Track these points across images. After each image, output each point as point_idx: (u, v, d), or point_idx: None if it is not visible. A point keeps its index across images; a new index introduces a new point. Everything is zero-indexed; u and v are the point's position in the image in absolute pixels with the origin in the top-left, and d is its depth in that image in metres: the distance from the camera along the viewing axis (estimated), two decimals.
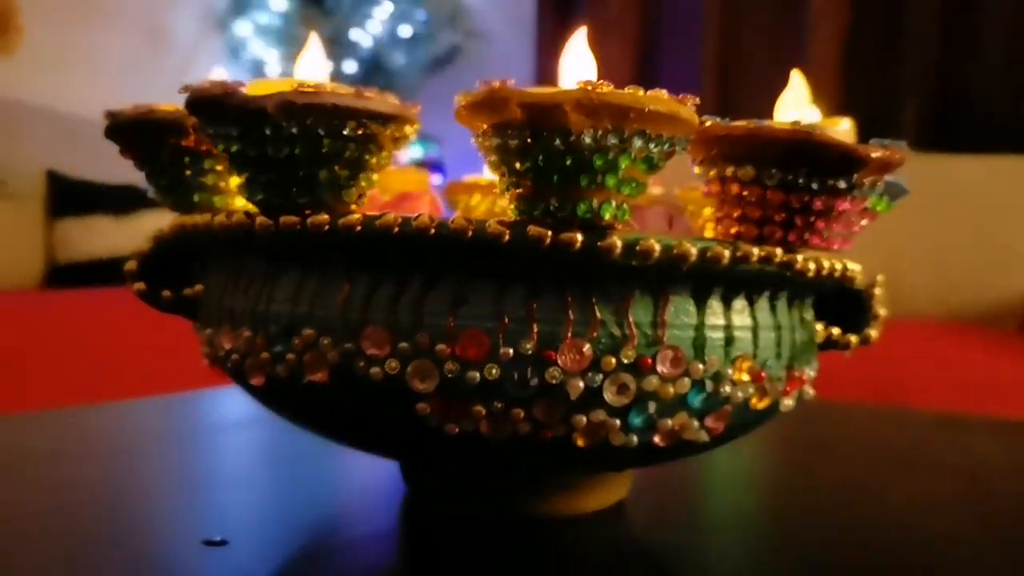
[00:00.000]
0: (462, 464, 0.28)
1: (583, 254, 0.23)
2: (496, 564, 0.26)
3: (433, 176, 0.64)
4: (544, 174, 0.22)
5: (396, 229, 0.23)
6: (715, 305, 0.26)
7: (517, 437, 0.25)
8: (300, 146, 0.23)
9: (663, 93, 0.21)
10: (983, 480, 0.41)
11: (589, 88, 0.20)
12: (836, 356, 0.35)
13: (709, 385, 0.25)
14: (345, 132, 0.23)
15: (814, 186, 0.24)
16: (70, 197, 1.65)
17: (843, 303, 0.34)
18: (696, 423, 0.26)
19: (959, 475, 0.42)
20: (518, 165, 0.22)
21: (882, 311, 0.33)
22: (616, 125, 0.21)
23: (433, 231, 0.23)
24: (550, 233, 0.23)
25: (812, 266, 0.26)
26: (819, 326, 0.32)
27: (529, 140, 0.21)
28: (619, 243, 0.23)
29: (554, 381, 0.24)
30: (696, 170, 0.26)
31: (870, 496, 0.37)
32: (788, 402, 0.28)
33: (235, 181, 0.24)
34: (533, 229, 0.23)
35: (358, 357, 0.24)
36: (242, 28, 2.28)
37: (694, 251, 0.24)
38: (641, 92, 0.21)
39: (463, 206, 0.42)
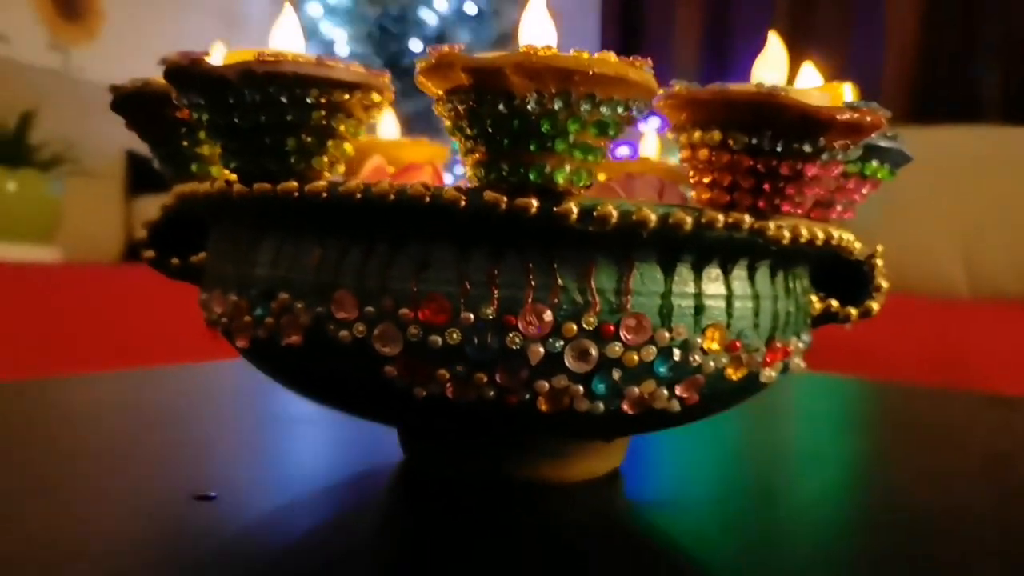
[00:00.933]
0: (433, 427, 0.29)
1: (539, 220, 0.23)
2: (487, 528, 0.26)
3: None
4: (493, 139, 0.22)
5: (358, 195, 0.24)
6: (684, 273, 0.25)
7: (483, 401, 0.25)
8: (265, 114, 0.23)
9: (610, 56, 0.21)
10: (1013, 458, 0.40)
11: (531, 51, 0.20)
12: (902, 337, 0.34)
13: (677, 354, 0.25)
14: (308, 100, 0.23)
15: (779, 149, 0.23)
16: (148, 175, 1.72)
17: (846, 275, 0.33)
18: (665, 392, 0.26)
19: (985, 453, 0.41)
20: (469, 131, 0.22)
21: (884, 283, 0.32)
22: (561, 88, 0.21)
23: (392, 197, 0.23)
24: (505, 199, 0.23)
25: (787, 233, 0.25)
26: (813, 297, 0.31)
27: (475, 104, 0.21)
28: (575, 208, 0.23)
29: (514, 346, 0.24)
30: (669, 136, 0.26)
31: (877, 470, 0.36)
32: (770, 373, 0.28)
33: (211, 149, 0.25)
34: (489, 195, 0.23)
35: (329, 320, 0.25)
36: (313, 8, 2.32)
37: (654, 217, 0.23)
38: (586, 55, 0.21)
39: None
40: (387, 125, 0.44)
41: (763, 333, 0.27)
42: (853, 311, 0.32)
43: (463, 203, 0.23)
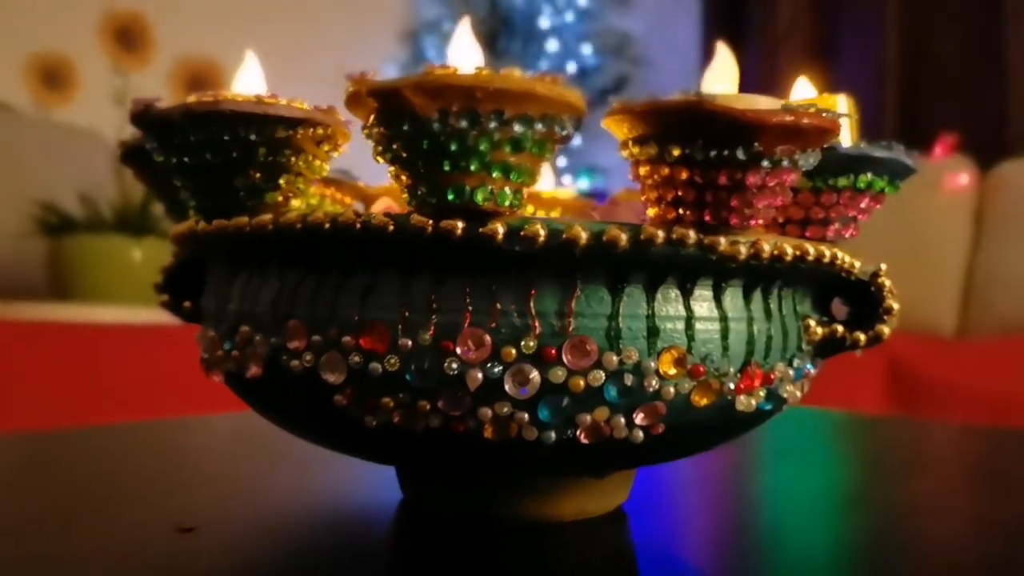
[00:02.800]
0: (388, 459, 0.28)
1: (466, 242, 0.23)
2: (483, 570, 0.26)
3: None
4: (408, 163, 0.22)
5: (298, 226, 0.24)
6: (635, 294, 0.24)
7: (431, 430, 0.25)
8: (210, 153, 0.25)
9: (515, 71, 0.21)
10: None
11: (430, 71, 0.20)
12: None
13: (629, 379, 0.24)
14: (251, 137, 0.24)
15: (712, 158, 0.22)
16: None
17: (857, 298, 0.31)
18: (622, 420, 0.25)
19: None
20: (386, 156, 0.22)
21: (895, 304, 0.30)
22: (464, 106, 0.21)
23: (328, 226, 0.24)
24: (430, 222, 0.23)
25: (743, 249, 0.24)
26: (811, 321, 0.29)
27: (384, 129, 0.22)
28: (502, 228, 0.23)
29: (452, 372, 0.24)
30: (619, 154, 0.25)
31: (886, 505, 0.33)
32: (748, 401, 0.26)
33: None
34: (415, 219, 0.23)
35: (283, 351, 0.26)
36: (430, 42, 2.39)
37: (584, 235, 0.23)
38: (487, 72, 0.21)
39: None
40: None
41: (735, 358, 0.26)
42: (862, 336, 0.30)
43: (391, 228, 0.23)
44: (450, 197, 0.22)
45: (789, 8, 2.11)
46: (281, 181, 0.26)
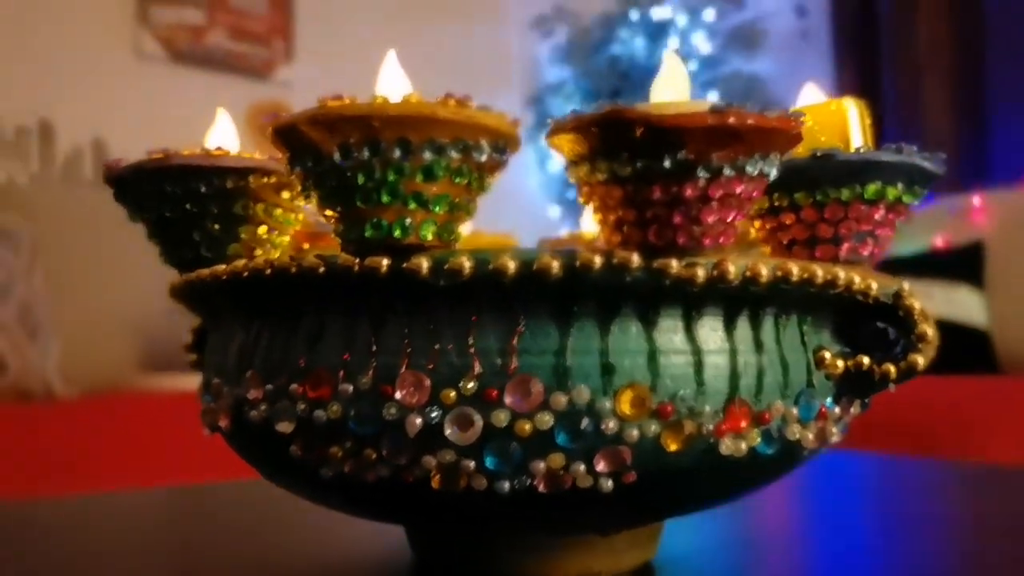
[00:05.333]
0: (356, 512, 0.27)
1: (393, 279, 0.22)
2: None
3: None
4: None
5: (245, 273, 0.24)
6: (586, 327, 0.22)
7: (382, 480, 0.23)
8: (166, 208, 0.25)
9: (413, 96, 0.20)
10: None
11: (323, 103, 0.20)
12: None
13: (583, 421, 0.22)
14: (201, 189, 0.25)
15: (639, 170, 0.20)
16: None
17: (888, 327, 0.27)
18: (582, 467, 0.22)
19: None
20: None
21: (929, 329, 0.26)
22: (363, 137, 0.20)
23: (268, 272, 0.23)
24: (357, 261, 0.22)
25: (701, 272, 0.21)
26: (827, 353, 0.26)
27: (292, 166, 0.21)
28: (425, 263, 0.21)
29: (390, 418, 0.22)
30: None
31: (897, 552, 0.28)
32: (736, 444, 0.23)
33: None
34: (342, 258, 0.22)
35: (244, 402, 0.25)
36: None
37: (512, 265, 0.21)
38: (381, 99, 0.20)
39: None
40: None
41: (714, 395, 0.23)
42: (892, 369, 0.26)
43: (321, 269, 0.22)
44: (367, 233, 0.21)
45: (928, 36, 1.98)
46: (241, 232, 0.26)
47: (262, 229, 0.26)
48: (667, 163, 0.20)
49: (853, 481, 0.54)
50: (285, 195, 0.26)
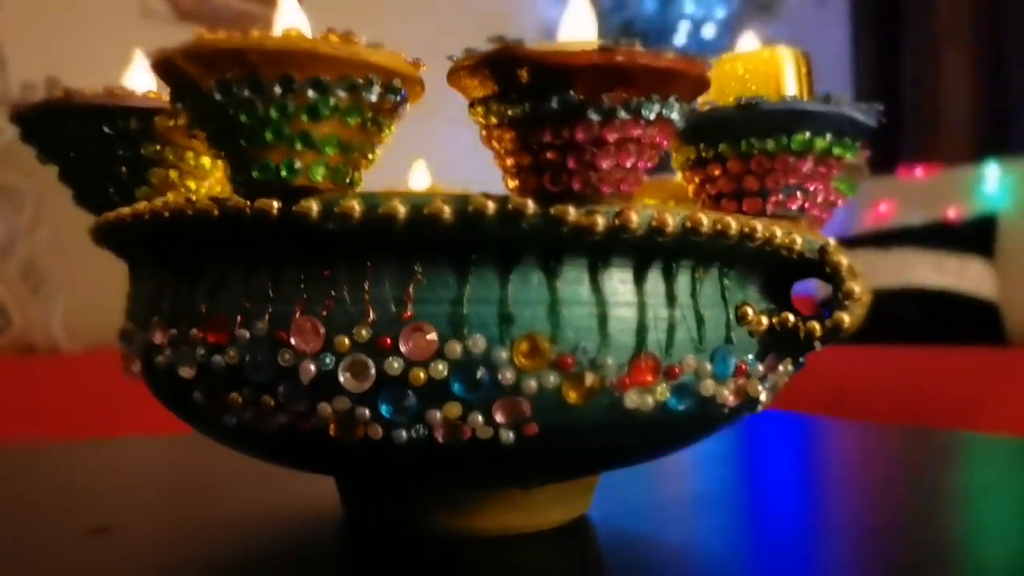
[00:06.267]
0: (264, 458, 0.27)
1: (284, 223, 0.21)
2: None
3: None
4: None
5: (146, 216, 0.24)
6: (486, 276, 0.22)
7: (282, 428, 0.23)
8: (72, 151, 0.25)
9: (293, 31, 0.19)
10: None
11: (200, 35, 0.19)
12: None
13: (479, 370, 0.21)
14: (105, 130, 0.24)
15: (528, 112, 0.19)
16: None
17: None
18: (479, 417, 0.22)
19: None
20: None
21: (856, 287, 0.25)
22: (242, 73, 0.19)
23: (167, 215, 0.23)
24: (248, 203, 0.21)
25: (601, 220, 0.21)
26: (749, 309, 0.25)
27: (175, 103, 0.21)
28: (315, 207, 0.21)
29: (285, 364, 0.22)
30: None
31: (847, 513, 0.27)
32: (639, 397, 0.23)
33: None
34: (233, 200, 0.22)
35: (152, 348, 0.25)
36: None
37: (403, 210, 0.20)
38: (259, 33, 0.19)
39: None
40: (418, 175, 0.43)
41: (619, 348, 0.22)
42: (816, 327, 0.25)
43: (216, 212, 0.22)
44: (255, 174, 0.21)
45: (949, 5, 1.93)
46: (151, 176, 0.25)
47: (173, 173, 0.26)
48: (555, 104, 0.19)
49: (807, 445, 0.53)
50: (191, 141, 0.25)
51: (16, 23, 1.63)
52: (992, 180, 1.60)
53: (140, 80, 0.27)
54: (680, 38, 2.28)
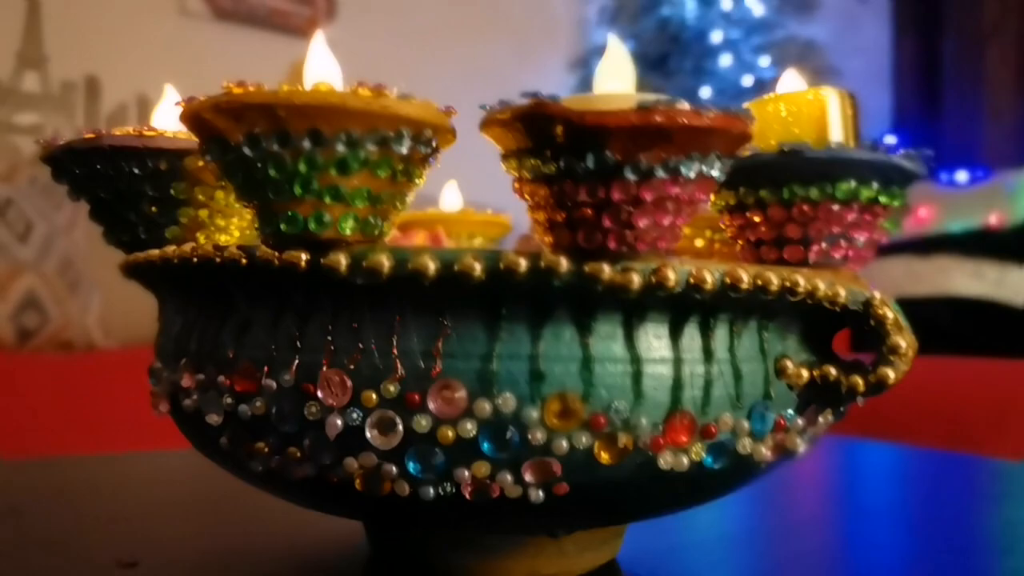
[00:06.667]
0: (293, 503, 0.26)
1: (313, 275, 0.21)
2: None
3: None
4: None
5: (175, 260, 0.23)
6: (517, 331, 0.21)
7: (307, 480, 0.23)
8: (101, 189, 0.24)
9: (323, 84, 0.19)
10: None
11: (229, 89, 0.19)
12: None
13: (509, 431, 0.21)
14: (134, 171, 0.24)
15: (562, 170, 0.18)
16: None
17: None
18: (509, 477, 0.21)
19: None
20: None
21: (902, 341, 0.24)
22: (271, 127, 0.19)
23: (194, 259, 0.23)
24: (276, 255, 0.21)
25: (637, 278, 0.20)
26: (789, 362, 0.24)
27: (204, 156, 0.20)
28: (344, 260, 0.20)
29: (312, 417, 0.22)
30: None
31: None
32: (676, 458, 0.22)
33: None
34: (261, 251, 0.21)
35: (179, 390, 0.25)
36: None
37: (432, 266, 0.20)
38: (287, 87, 0.19)
39: (525, 235, 0.40)
40: (449, 195, 0.43)
41: (653, 407, 0.22)
42: (859, 381, 0.24)
43: (244, 261, 0.22)
44: (283, 227, 0.20)
45: (994, 3, 1.88)
46: (180, 216, 0.25)
47: (203, 212, 0.25)
48: (590, 163, 0.18)
49: (854, 473, 0.52)
50: None
51: (56, 22, 1.65)
52: None
53: (169, 117, 0.27)
54: (716, 36, 2.25)
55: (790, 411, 0.24)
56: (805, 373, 0.24)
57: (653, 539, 0.32)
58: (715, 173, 0.19)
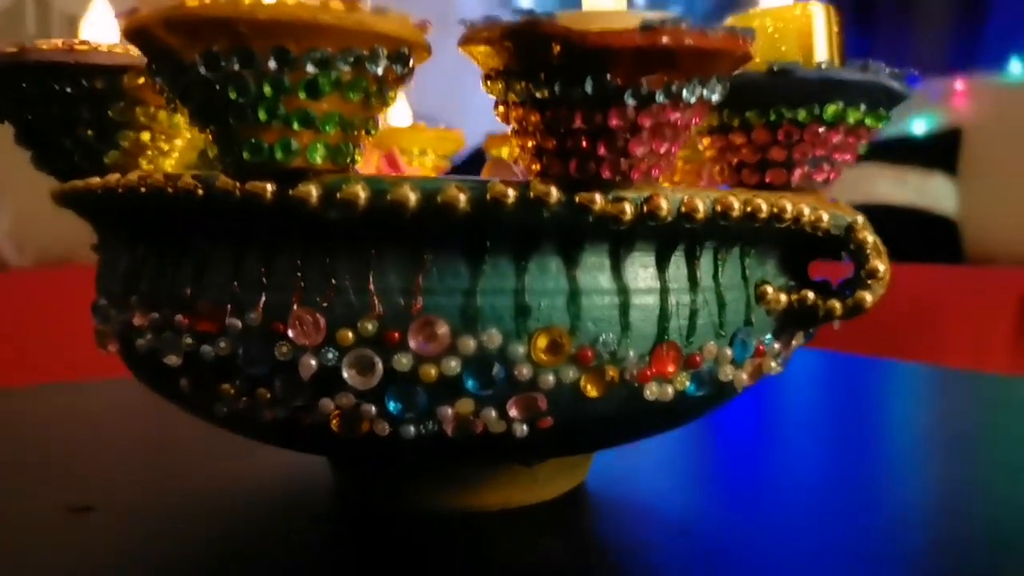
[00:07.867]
0: (258, 440, 0.25)
1: (280, 207, 0.19)
2: (390, 562, 0.23)
3: None
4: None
5: (120, 190, 0.21)
6: (501, 264, 0.20)
7: (277, 421, 0.22)
8: (30, 112, 0.22)
9: None
10: None
11: (182, 2, 0.17)
12: None
13: (494, 367, 0.20)
14: (68, 91, 0.21)
15: (557, 94, 0.17)
16: None
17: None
18: (493, 413, 0.21)
19: None
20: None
21: (880, 265, 0.24)
22: (232, 45, 0.17)
23: (144, 190, 0.21)
24: (237, 184, 0.19)
25: (629, 208, 0.19)
26: (769, 288, 0.24)
27: (154, 76, 0.18)
28: (315, 192, 0.19)
29: (282, 358, 0.20)
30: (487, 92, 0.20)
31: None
32: (659, 388, 0.21)
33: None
34: (221, 181, 0.19)
35: (131, 329, 0.23)
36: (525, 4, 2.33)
37: (413, 198, 0.18)
38: (251, 0, 0.17)
39: (495, 157, 0.38)
40: (399, 111, 0.41)
41: (640, 339, 0.21)
42: (837, 305, 0.24)
43: (200, 192, 0.20)
44: (246, 156, 0.18)
45: None
46: (120, 139, 0.23)
47: (145, 135, 0.23)
48: (589, 88, 0.17)
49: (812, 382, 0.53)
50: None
51: None
52: (960, 93, 1.59)
53: (104, 30, 0.24)
54: None
55: (768, 336, 0.24)
56: (784, 298, 0.24)
57: (618, 460, 0.32)
58: (715, 97, 0.18)
